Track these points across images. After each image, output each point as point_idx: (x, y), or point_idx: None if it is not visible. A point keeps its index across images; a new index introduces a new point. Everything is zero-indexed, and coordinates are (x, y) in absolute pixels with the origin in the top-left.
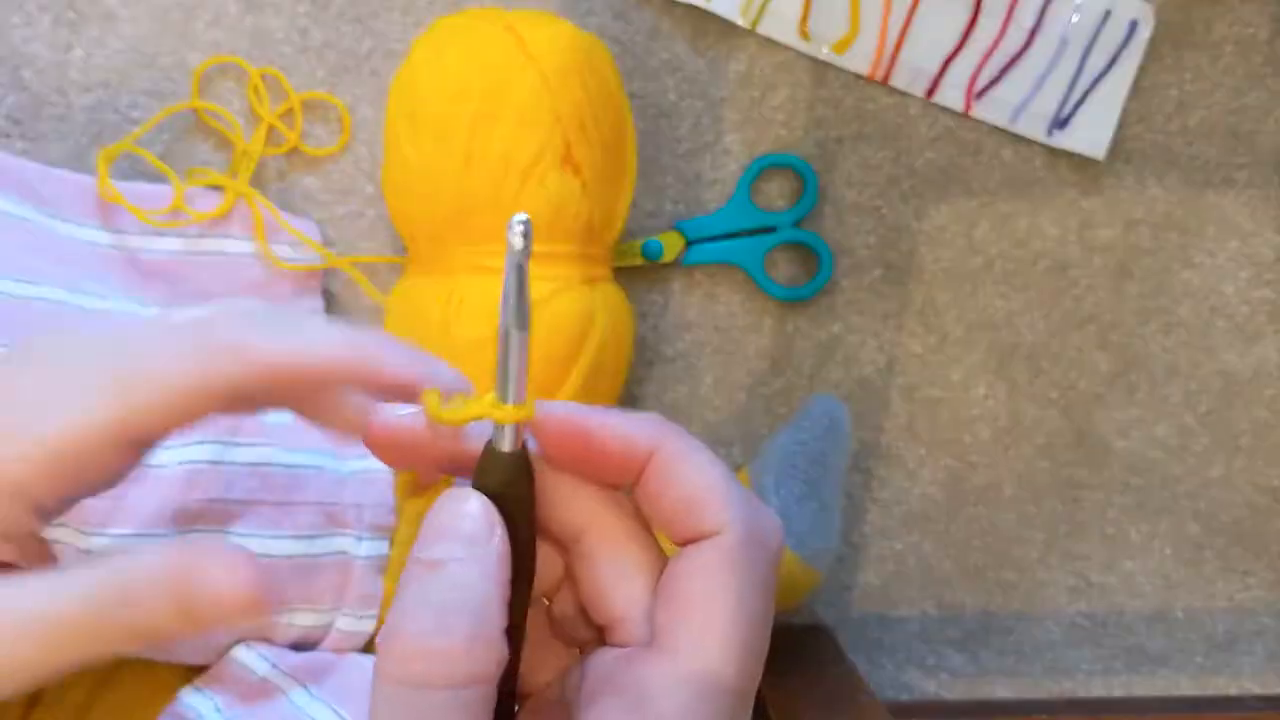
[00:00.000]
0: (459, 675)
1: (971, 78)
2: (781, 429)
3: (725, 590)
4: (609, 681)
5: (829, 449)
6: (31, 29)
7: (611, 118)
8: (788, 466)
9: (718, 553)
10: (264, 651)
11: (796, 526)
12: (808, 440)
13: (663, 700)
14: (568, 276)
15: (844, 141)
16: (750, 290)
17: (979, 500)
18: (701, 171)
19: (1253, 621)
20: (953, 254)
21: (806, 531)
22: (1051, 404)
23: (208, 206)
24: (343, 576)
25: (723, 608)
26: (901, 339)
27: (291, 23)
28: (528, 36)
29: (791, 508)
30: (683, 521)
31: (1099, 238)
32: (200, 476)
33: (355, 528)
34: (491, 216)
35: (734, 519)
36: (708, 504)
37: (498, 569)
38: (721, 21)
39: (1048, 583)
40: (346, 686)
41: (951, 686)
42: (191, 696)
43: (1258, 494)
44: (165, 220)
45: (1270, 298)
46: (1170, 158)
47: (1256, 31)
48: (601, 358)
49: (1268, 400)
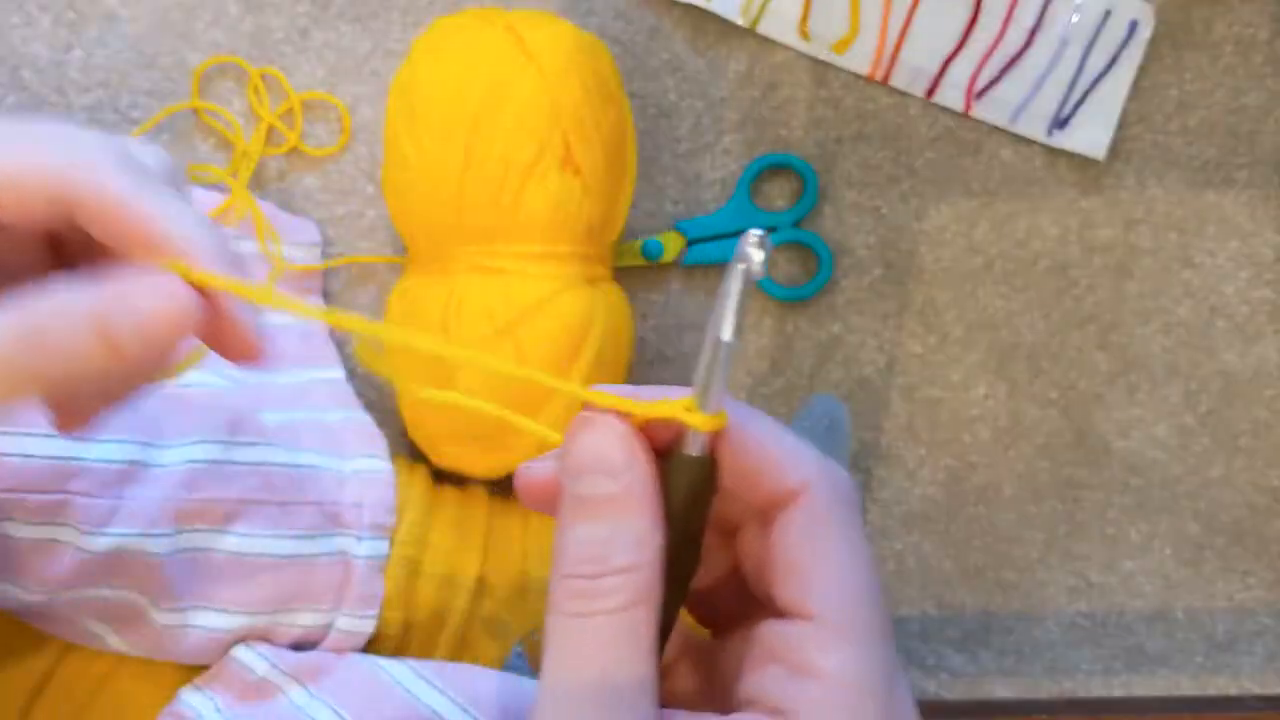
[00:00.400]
0: (619, 602)
1: (971, 78)
2: None
3: (837, 546)
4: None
5: (829, 449)
6: (31, 29)
7: (611, 118)
8: None
9: (814, 511)
10: (264, 651)
11: None
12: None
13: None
14: (568, 276)
15: (844, 141)
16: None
17: (979, 500)
18: (701, 171)
19: (1253, 621)
20: (953, 254)
21: None
22: (1051, 404)
23: (207, 207)
24: (343, 576)
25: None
26: (901, 339)
27: (291, 23)
28: (528, 36)
29: None
30: (765, 485)
31: (1099, 238)
32: (200, 476)
33: (355, 528)
34: (491, 216)
35: (818, 475)
36: (792, 466)
37: (644, 492)
38: (721, 21)
39: (1048, 583)
40: (347, 686)
41: (951, 686)
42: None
43: (1258, 494)
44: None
45: (1270, 298)
46: (1170, 158)
47: (1256, 31)
48: (601, 358)
49: (1268, 400)
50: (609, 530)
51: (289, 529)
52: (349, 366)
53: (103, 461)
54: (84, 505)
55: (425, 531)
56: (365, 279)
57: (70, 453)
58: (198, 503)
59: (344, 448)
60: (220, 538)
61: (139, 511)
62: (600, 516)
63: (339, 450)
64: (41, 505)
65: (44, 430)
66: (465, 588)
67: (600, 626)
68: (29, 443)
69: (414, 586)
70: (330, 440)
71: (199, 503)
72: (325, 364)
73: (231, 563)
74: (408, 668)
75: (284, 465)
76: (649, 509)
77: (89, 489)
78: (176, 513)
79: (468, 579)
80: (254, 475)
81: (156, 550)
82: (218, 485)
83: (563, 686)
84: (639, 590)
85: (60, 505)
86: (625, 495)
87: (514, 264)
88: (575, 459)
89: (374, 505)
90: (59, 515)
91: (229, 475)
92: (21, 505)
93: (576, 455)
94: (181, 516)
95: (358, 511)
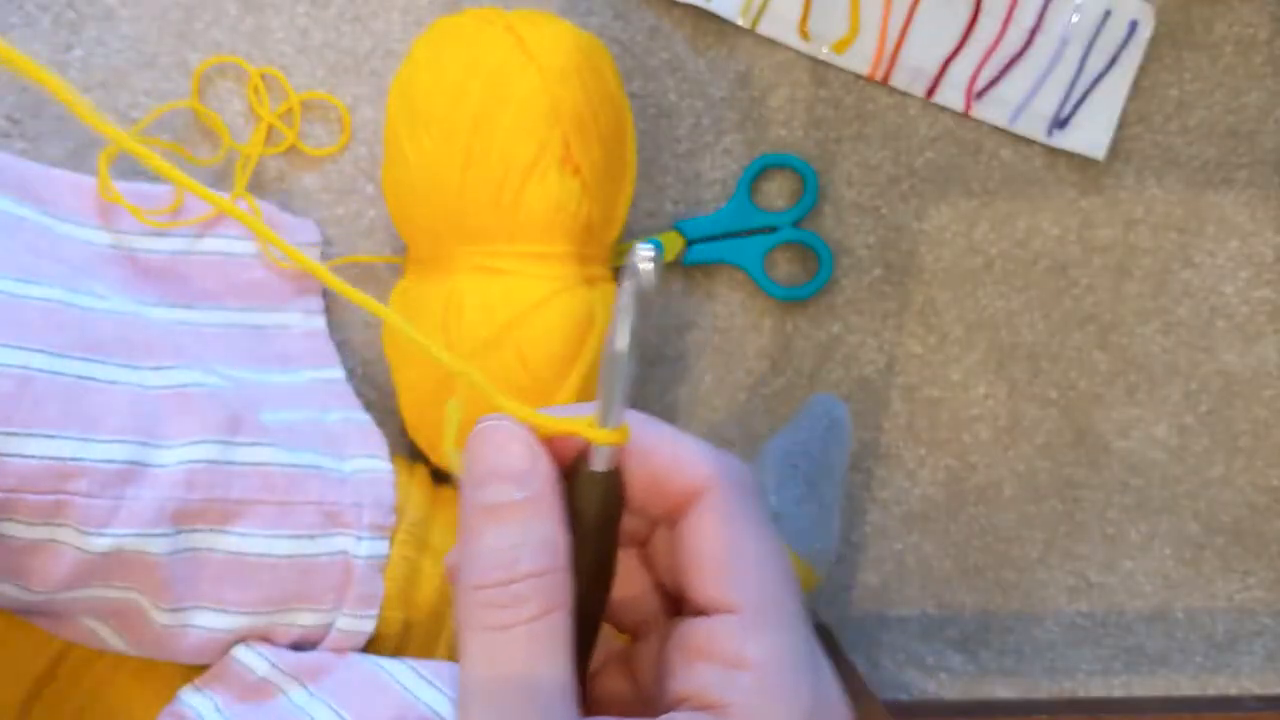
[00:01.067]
0: (533, 610)
1: (971, 78)
2: (781, 429)
3: (746, 537)
4: (689, 645)
5: (829, 449)
6: (31, 29)
7: (611, 118)
8: (788, 467)
9: (721, 506)
10: (264, 651)
11: (796, 526)
12: (808, 440)
13: (746, 650)
14: (567, 276)
15: (844, 141)
16: (750, 290)
17: (979, 500)
18: (701, 171)
19: (1253, 621)
20: (953, 254)
21: (806, 531)
22: (1051, 404)
23: (207, 207)
24: (343, 576)
25: (751, 551)
26: (901, 339)
27: (291, 22)
28: (528, 36)
29: (791, 508)
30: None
31: (1099, 238)
32: (200, 476)
33: (355, 528)
34: (491, 216)
35: (719, 473)
36: (690, 463)
37: (548, 496)
38: (721, 21)
39: (1047, 583)
40: (346, 686)
41: (951, 686)
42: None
43: (1258, 494)
44: (166, 220)
45: (1270, 298)
46: (1170, 158)
47: (1256, 31)
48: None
49: (1268, 400)
50: (518, 536)
51: (289, 529)
52: (349, 366)
53: (103, 461)
54: (84, 505)
55: (425, 532)
56: (365, 279)
57: (70, 453)
58: (198, 503)
59: (344, 448)
60: (220, 538)
61: (139, 511)
62: (507, 523)
63: (339, 450)
64: (41, 505)
65: (44, 430)
66: None
67: (516, 635)
68: (29, 443)
69: (414, 586)
70: (330, 440)
71: (199, 503)
72: (325, 364)
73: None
74: (408, 668)
75: (284, 465)
76: (555, 513)
77: (89, 489)
78: (176, 513)
79: None
80: (254, 475)
81: (156, 550)
82: (218, 485)
83: (481, 693)
84: (553, 595)
85: (60, 505)
86: (532, 500)
87: (514, 264)
88: (479, 467)
89: (374, 505)
90: (59, 515)
91: (229, 475)
92: (21, 505)
93: (480, 463)
94: (181, 516)
95: (358, 511)
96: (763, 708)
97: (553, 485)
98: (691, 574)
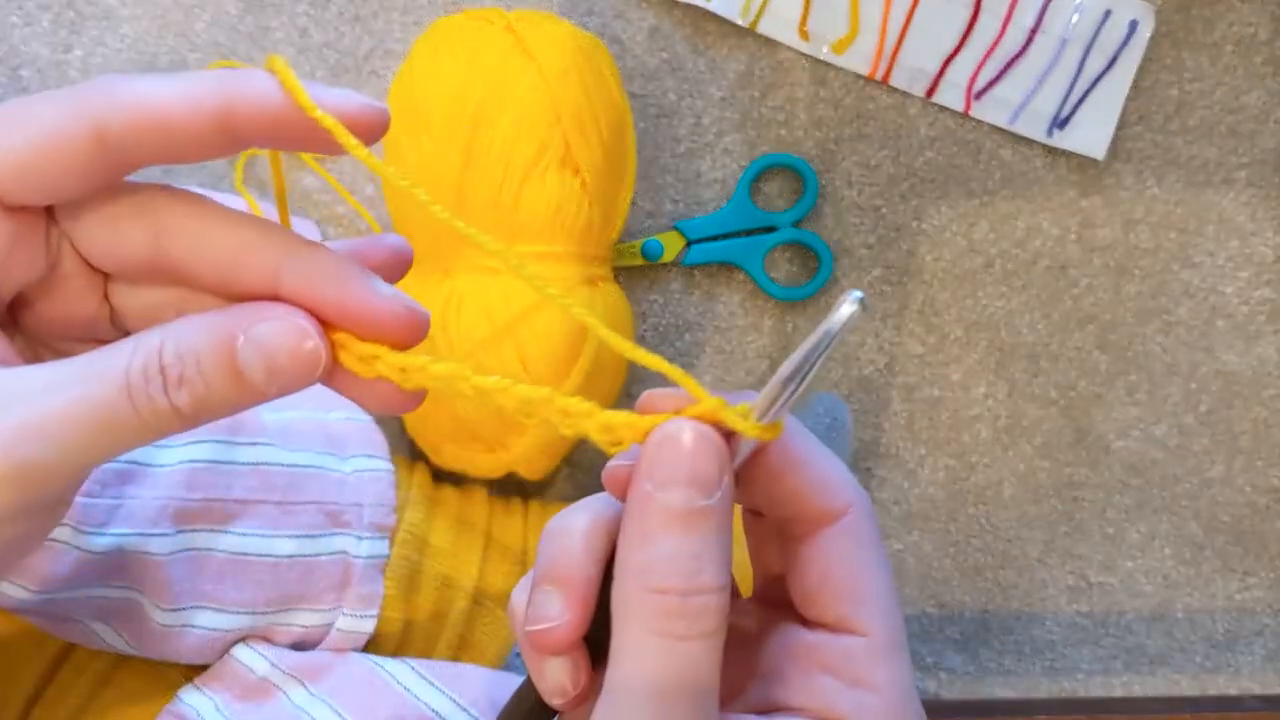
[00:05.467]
0: (711, 625)
1: (971, 77)
2: None
3: (877, 566)
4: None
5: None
6: (31, 29)
7: (611, 118)
8: None
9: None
10: (264, 650)
11: None
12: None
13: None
14: (567, 276)
15: (844, 141)
16: (750, 290)
17: (979, 500)
18: (701, 171)
19: (1253, 621)
20: (953, 254)
21: None
22: (1051, 404)
23: None
24: (343, 576)
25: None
26: (901, 339)
27: (291, 22)
28: (528, 36)
29: None
30: (811, 502)
31: (1099, 237)
32: (200, 476)
33: (355, 528)
34: (491, 216)
35: (857, 497)
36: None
37: (730, 509)
38: (721, 21)
39: (1047, 583)
40: (346, 686)
41: (951, 686)
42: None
43: (1258, 494)
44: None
45: (1270, 298)
46: (1170, 158)
47: (1256, 31)
48: (601, 358)
49: (1268, 400)
50: (700, 546)
51: (289, 529)
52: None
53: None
54: (84, 505)
55: (425, 531)
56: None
57: None
58: (197, 502)
59: (344, 448)
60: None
61: (139, 511)
62: (692, 531)
63: (339, 450)
64: None
65: None
66: (465, 588)
67: (691, 647)
68: None
69: (414, 586)
70: (330, 440)
71: (199, 502)
72: None
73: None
74: (407, 668)
75: (284, 465)
76: (731, 527)
77: (89, 489)
78: (176, 512)
79: (468, 579)
80: (254, 475)
81: (156, 550)
82: (217, 485)
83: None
84: (725, 612)
85: None
86: (718, 511)
87: None
88: (668, 469)
89: (374, 505)
90: None
91: (229, 475)
92: None
93: (670, 465)
94: (181, 516)
95: (358, 511)
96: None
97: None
98: (823, 591)
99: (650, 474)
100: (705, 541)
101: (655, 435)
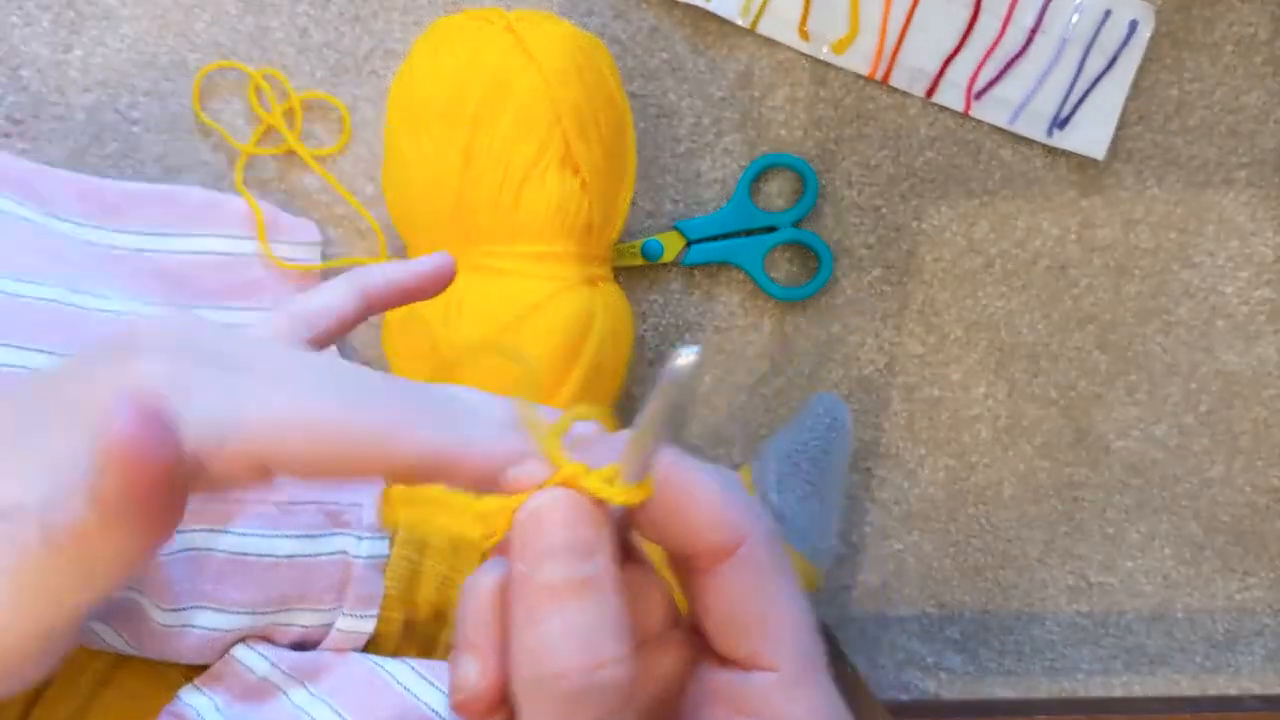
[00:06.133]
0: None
1: (971, 78)
2: (783, 428)
3: (779, 594)
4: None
5: (830, 448)
6: (31, 29)
7: (611, 118)
8: (789, 466)
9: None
10: (264, 651)
11: (798, 525)
12: (809, 440)
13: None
14: (568, 276)
15: (844, 141)
16: (750, 290)
17: (979, 500)
18: (701, 171)
19: (1253, 621)
20: (953, 254)
21: (808, 530)
22: (1051, 404)
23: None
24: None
25: (786, 610)
26: (901, 339)
27: (291, 22)
28: (528, 36)
29: (793, 507)
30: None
31: (1099, 237)
32: None
33: (355, 528)
34: (491, 216)
35: (753, 527)
36: (726, 518)
37: (614, 569)
38: (721, 21)
39: (1047, 583)
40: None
41: (951, 686)
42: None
43: (1258, 494)
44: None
45: (1270, 298)
46: (1170, 158)
47: (1256, 31)
48: (601, 358)
49: (1268, 400)
50: (593, 616)
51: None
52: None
53: None
54: None
55: (425, 532)
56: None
57: None
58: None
59: None
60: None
61: None
62: (582, 601)
63: None
64: None
65: None
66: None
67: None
68: None
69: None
70: None
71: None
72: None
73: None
74: (408, 668)
75: None
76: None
77: None
78: None
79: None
80: None
81: None
82: None
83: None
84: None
85: None
86: (602, 576)
87: (514, 264)
88: (539, 545)
89: (374, 505)
90: None
91: None
92: None
93: (539, 541)
94: None
95: (358, 511)
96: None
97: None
98: (731, 627)
99: (522, 555)
100: (598, 609)
101: (519, 515)
